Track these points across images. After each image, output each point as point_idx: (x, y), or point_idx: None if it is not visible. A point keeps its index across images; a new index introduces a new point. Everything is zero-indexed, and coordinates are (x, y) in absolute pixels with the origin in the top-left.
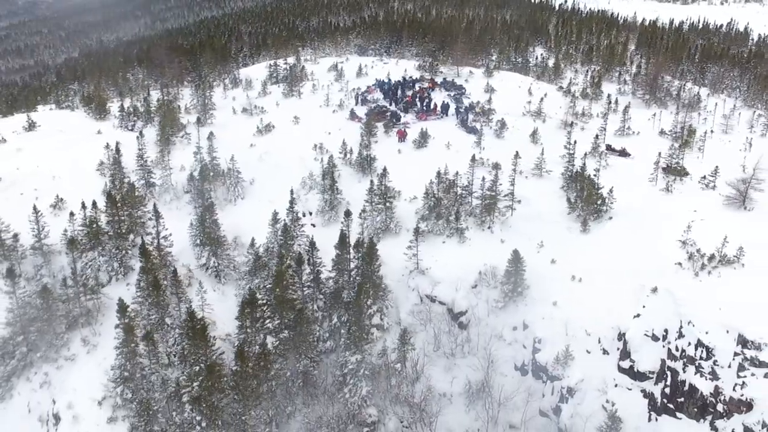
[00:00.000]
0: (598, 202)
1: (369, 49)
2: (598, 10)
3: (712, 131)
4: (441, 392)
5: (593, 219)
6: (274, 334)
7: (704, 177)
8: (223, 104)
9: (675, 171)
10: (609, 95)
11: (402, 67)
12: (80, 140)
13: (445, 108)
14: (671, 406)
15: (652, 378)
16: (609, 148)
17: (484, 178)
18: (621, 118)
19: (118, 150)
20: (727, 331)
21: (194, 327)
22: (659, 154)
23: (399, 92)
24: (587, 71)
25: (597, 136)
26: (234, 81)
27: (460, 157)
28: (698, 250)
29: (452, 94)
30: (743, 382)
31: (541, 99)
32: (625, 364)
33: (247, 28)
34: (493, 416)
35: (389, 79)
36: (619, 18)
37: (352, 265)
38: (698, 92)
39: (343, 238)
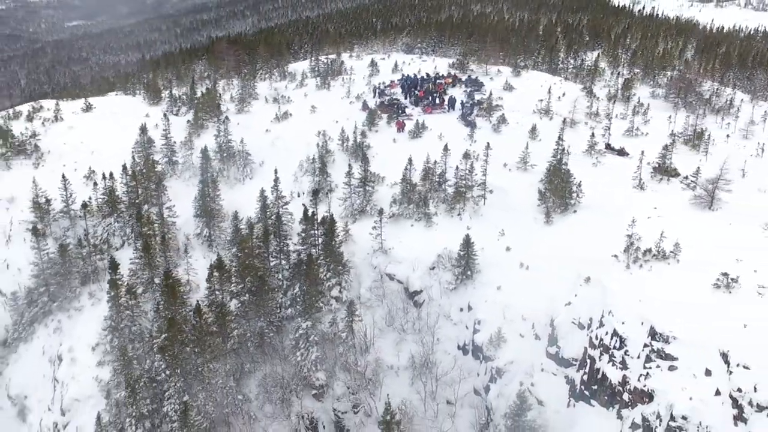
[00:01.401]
0: (565, 196)
1: (416, 47)
2: (676, 17)
3: (728, 136)
4: (389, 365)
5: (560, 212)
6: (237, 297)
7: (686, 177)
8: (267, 94)
9: (665, 171)
10: (633, 96)
11: (438, 65)
12: (128, 121)
13: (451, 102)
14: (587, 393)
15: (575, 365)
16: (608, 146)
17: (457, 167)
18: (630, 119)
19: (144, 130)
20: (642, 323)
21: (167, 285)
22: (642, 152)
23: (417, 87)
24: (619, 73)
25: (593, 134)
26: (282, 74)
27: (450, 148)
28: (632, 244)
29: (469, 90)
30: (647, 373)
31: (550, 98)
32: (553, 350)
33: (331, 26)
34: (432, 391)
35: (415, 75)
36: (698, 25)
37: (320, 240)
38: (731, 97)
39: (307, 214)
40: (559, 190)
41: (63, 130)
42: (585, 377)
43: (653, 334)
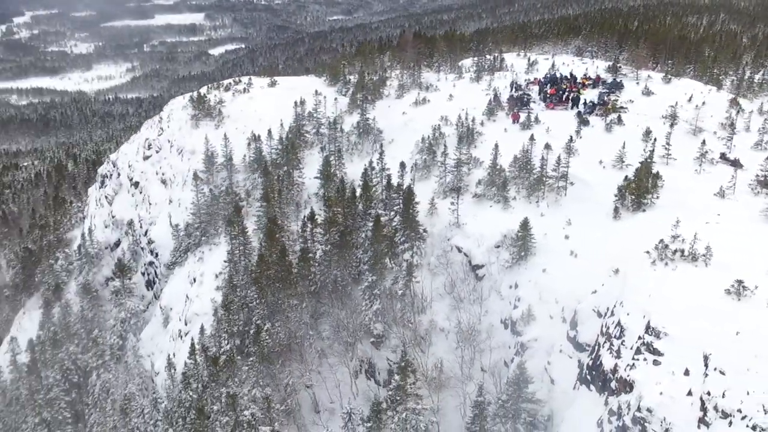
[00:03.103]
0: (640, 195)
1: (586, 50)
2: None
3: None
4: (441, 327)
5: (631, 210)
6: (323, 246)
7: None
8: (425, 83)
9: (766, 184)
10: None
11: (592, 67)
12: (300, 97)
13: (575, 101)
14: (588, 378)
15: (588, 350)
16: (723, 156)
17: (542, 157)
18: (764, 133)
19: (297, 104)
20: (644, 316)
21: (268, 229)
22: (737, 160)
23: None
24: None
25: (703, 142)
26: (452, 67)
27: (553, 141)
28: (662, 241)
29: (604, 91)
30: (633, 364)
31: (680, 104)
32: (572, 333)
33: (540, 29)
34: (472, 358)
35: (561, 74)
36: None
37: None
38: None
39: (390, 185)
40: (632, 188)
41: (245, 100)
42: (590, 362)
43: (648, 327)
